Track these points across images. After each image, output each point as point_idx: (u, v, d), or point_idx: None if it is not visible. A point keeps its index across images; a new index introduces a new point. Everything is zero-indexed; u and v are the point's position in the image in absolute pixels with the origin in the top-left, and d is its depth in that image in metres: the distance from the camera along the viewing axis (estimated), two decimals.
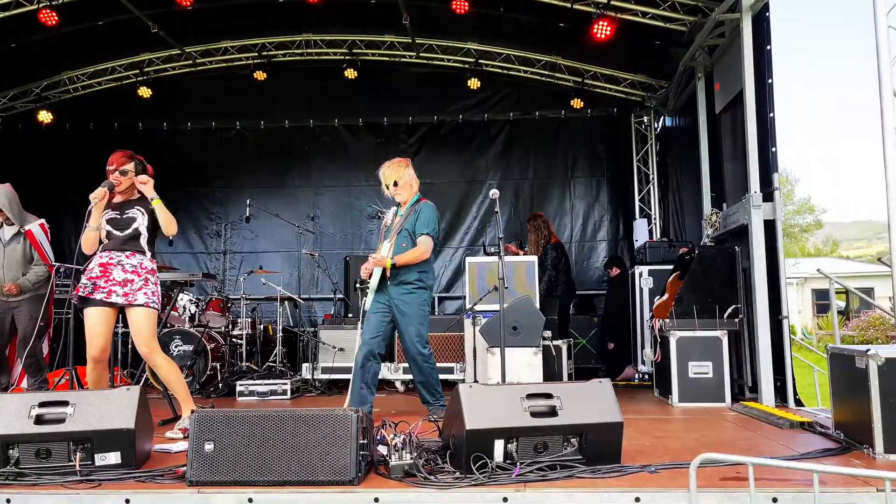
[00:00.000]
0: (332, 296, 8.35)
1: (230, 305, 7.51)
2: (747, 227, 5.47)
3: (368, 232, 9.38)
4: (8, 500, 2.85)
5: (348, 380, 4.84)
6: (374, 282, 4.78)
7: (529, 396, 3.13)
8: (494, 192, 4.47)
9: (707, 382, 5.38)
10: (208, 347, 6.61)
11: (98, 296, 4.11)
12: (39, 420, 3.10)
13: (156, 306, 4.25)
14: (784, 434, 4.09)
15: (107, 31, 7.99)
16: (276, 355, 7.26)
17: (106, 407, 3.16)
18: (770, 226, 5.43)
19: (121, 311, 4.28)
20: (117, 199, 4.32)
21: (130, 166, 4.27)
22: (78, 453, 3.07)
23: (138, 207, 4.29)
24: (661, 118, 8.98)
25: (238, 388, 6.20)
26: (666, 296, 6.09)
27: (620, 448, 3.17)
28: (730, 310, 5.54)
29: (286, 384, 6.23)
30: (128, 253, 4.22)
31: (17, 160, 9.31)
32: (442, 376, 6.88)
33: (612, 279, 8.35)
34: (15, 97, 9.26)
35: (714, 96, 6.73)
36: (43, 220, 5.72)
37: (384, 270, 4.72)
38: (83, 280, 4.17)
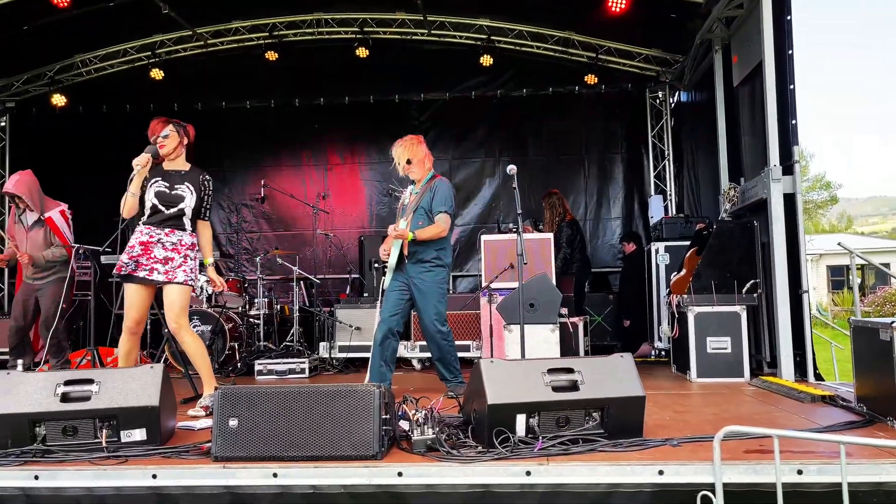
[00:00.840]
0: (347, 275, 8.36)
1: (246, 286, 7.55)
2: (766, 201, 5.41)
3: (381, 210, 9.38)
4: (36, 477, 2.89)
5: (365, 358, 4.87)
6: (392, 260, 4.77)
7: (551, 371, 3.13)
8: (512, 168, 4.44)
9: (725, 358, 5.37)
10: (226, 327, 6.66)
11: (140, 273, 4.16)
12: (65, 398, 3.13)
13: (193, 283, 4.29)
14: (805, 408, 4.07)
15: (118, 12, 7.94)
16: (292, 335, 7.30)
17: (130, 385, 3.19)
18: (789, 200, 5.37)
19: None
20: (166, 165, 4.31)
21: (169, 128, 4.26)
22: (104, 430, 3.11)
23: (188, 184, 4.29)
24: (677, 93, 8.87)
25: (256, 368, 6.25)
26: (683, 271, 6.05)
27: (642, 422, 3.17)
28: (748, 285, 5.51)
29: (304, 363, 6.27)
30: (167, 230, 4.25)
31: (33, 144, 9.37)
32: (459, 354, 6.95)
33: (628, 256, 8.32)
34: (29, 80, 9.29)
35: (732, 69, 6.63)
36: (64, 207, 5.77)
37: (402, 251, 4.71)
38: (124, 258, 4.20)
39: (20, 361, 5.47)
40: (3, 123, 9.73)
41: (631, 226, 9.18)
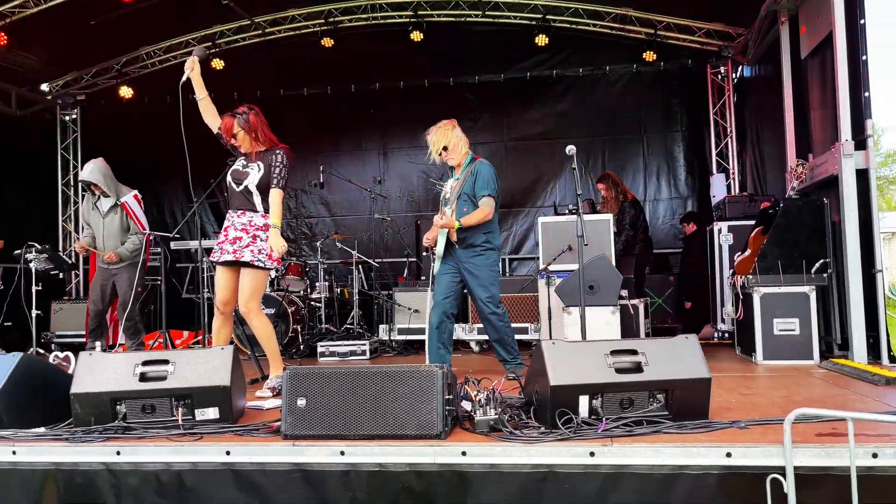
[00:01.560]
0: (405, 258, 8.45)
1: (308, 270, 7.71)
2: (836, 177, 5.22)
3: (436, 194, 9.40)
4: (118, 452, 3.03)
5: (423, 340, 4.91)
6: (439, 248, 4.76)
7: (614, 353, 3.11)
8: (571, 149, 4.38)
9: (793, 339, 5.22)
10: (289, 311, 6.83)
11: (216, 256, 4.35)
12: (143, 378, 3.27)
13: (262, 265, 4.31)
14: (879, 390, 3.94)
15: (180, 4, 8.17)
16: (352, 317, 7.43)
17: (203, 365, 3.31)
18: (862, 176, 5.16)
19: None
20: (245, 148, 4.44)
21: (236, 126, 4.38)
22: (180, 408, 3.24)
23: (259, 162, 4.38)
24: (740, 68, 8.60)
25: (319, 349, 6.39)
26: (748, 251, 5.90)
27: (708, 404, 3.12)
28: (818, 264, 5.33)
29: (365, 345, 6.38)
30: (239, 212, 4.37)
31: (102, 135, 9.74)
32: (517, 336, 6.96)
33: (689, 236, 8.15)
34: (97, 74, 9.65)
35: (799, 41, 6.38)
36: (136, 192, 6.00)
37: (448, 236, 4.71)
38: (215, 246, 4.39)
39: (98, 343, 5.74)
40: (74, 116, 10.16)
41: (692, 205, 8.98)
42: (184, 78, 4.27)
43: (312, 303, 7.45)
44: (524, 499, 2.77)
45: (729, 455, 2.69)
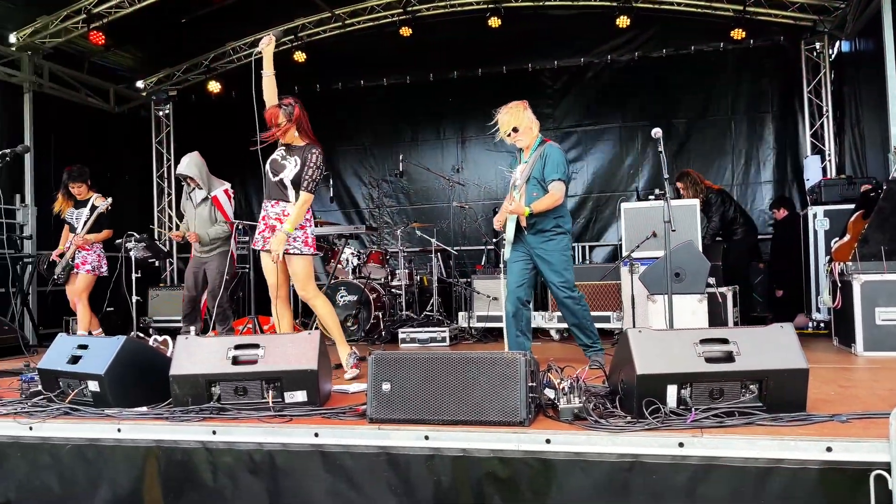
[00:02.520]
0: (483, 246, 8.45)
1: (388, 258, 7.82)
2: None
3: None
4: (214, 432, 3.17)
5: (503, 328, 4.89)
6: (509, 234, 4.69)
7: (703, 342, 3.01)
8: (657, 132, 4.25)
9: None
10: (371, 298, 6.95)
11: (258, 246, 4.50)
12: (236, 361, 3.40)
13: (299, 251, 4.42)
14: None
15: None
16: (432, 304, 7.50)
17: (291, 350, 3.41)
18: None
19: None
20: (286, 139, 4.55)
21: (281, 117, 4.45)
22: (270, 391, 3.35)
23: (296, 157, 4.47)
24: (837, 43, 8.13)
25: (400, 336, 6.49)
26: (847, 237, 5.59)
27: (805, 397, 2.98)
28: None
29: (445, 332, 6.43)
30: (273, 202, 4.49)
31: (193, 129, 10.16)
32: (598, 325, 6.83)
33: (779, 222, 7.81)
34: (188, 69, 10.06)
35: None
36: (228, 186, 6.24)
37: (517, 221, 4.65)
38: (256, 234, 4.55)
39: (192, 328, 6.01)
40: (167, 111, 10.63)
41: (783, 190, 8.58)
42: (257, 50, 4.41)
43: (393, 290, 7.56)
44: (610, 489, 2.73)
45: (829, 449, 2.56)
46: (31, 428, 3.35)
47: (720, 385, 2.96)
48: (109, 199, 6.18)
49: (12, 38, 8.24)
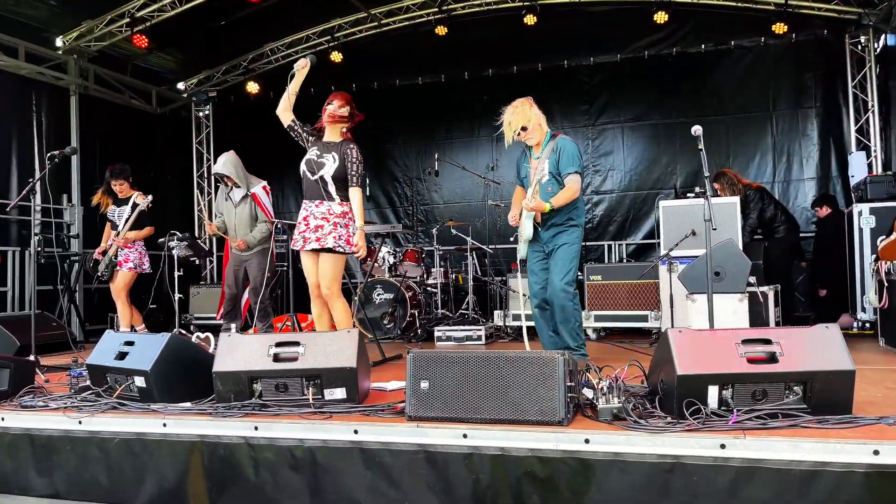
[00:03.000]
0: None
1: (424, 256, 7.85)
2: None
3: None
4: (255, 427, 3.23)
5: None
6: (527, 232, 4.63)
7: (745, 342, 2.96)
8: (697, 129, 4.18)
9: None
10: (406, 296, 6.99)
11: (307, 246, 4.53)
12: (277, 358, 3.45)
13: (343, 250, 4.50)
14: None
15: (302, 0, 8.49)
16: (467, 303, 7.51)
17: (331, 347, 3.45)
18: None
19: None
20: (326, 136, 4.62)
21: (347, 110, 4.59)
22: (310, 388, 3.40)
23: (334, 153, 4.52)
24: (883, 36, 7.90)
25: (436, 334, 6.52)
26: (894, 235, 5.45)
27: (851, 399, 2.92)
28: None
29: (480, 330, 6.44)
30: (317, 202, 4.54)
31: (232, 129, 10.32)
32: (635, 325, 6.82)
33: (822, 220, 7.65)
34: (227, 71, 10.22)
35: None
36: (265, 183, 6.33)
37: (534, 218, 4.59)
38: (296, 234, 4.59)
39: (233, 325, 6.12)
40: (207, 112, 10.82)
41: (826, 187, 8.38)
42: (292, 71, 4.48)
43: (429, 288, 7.59)
44: (650, 490, 2.71)
45: (877, 453, 2.51)
46: (80, 422, 3.45)
47: (763, 386, 2.92)
48: (150, 197, 6.32)
49: (59, 42, 8.48)
